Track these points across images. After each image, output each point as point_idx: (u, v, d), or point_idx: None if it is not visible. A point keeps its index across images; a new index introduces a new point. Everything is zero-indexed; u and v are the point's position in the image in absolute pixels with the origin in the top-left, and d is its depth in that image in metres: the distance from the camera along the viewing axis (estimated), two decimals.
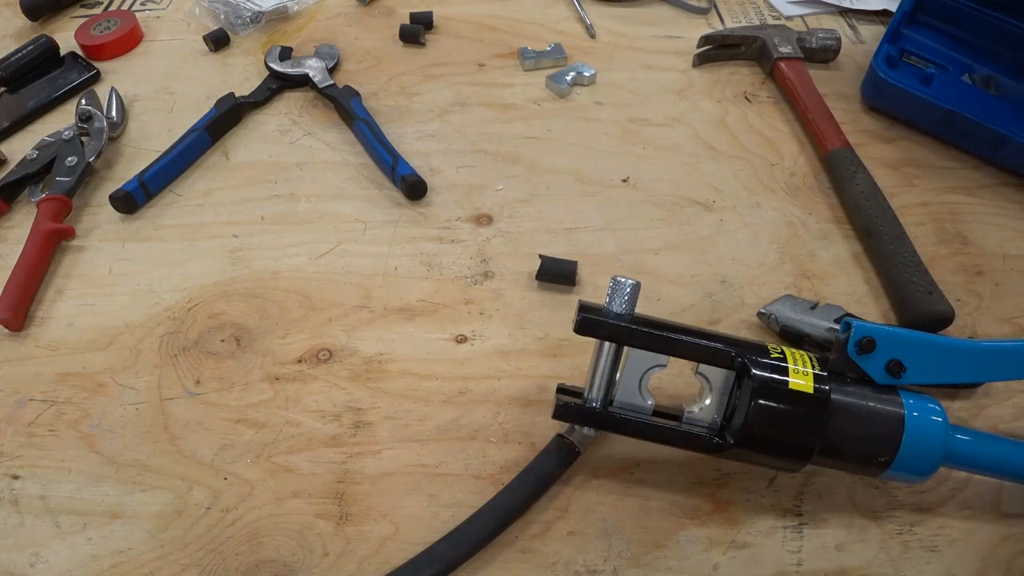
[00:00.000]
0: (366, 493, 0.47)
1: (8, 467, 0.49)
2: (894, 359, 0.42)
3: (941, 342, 0.44)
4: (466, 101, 0.74)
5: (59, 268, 0.60)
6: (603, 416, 0.43)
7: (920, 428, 0.41)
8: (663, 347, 0.42)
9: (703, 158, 0.68)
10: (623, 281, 0.42)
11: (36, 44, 0.77)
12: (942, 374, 0.43)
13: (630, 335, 0.42)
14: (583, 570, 0.44)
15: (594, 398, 0.43)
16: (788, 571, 0.44)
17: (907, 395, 0.42)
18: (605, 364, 0.43)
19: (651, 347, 0.42)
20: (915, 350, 0.42)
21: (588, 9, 0.84)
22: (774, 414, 0.41)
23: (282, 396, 0.52)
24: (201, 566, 0.44)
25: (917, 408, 0.42)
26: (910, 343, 0.43)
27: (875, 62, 0.69)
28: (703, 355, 0.42)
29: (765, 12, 0.85)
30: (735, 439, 0.41)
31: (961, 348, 0.43)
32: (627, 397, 0.43)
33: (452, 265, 0.59)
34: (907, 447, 0.41)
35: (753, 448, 0.42)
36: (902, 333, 0.43)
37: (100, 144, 0.67)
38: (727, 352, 0.42)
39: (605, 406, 0.44)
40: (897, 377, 0.42)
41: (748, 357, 0.41)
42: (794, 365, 0.42)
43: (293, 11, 0.85)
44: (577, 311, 0.42)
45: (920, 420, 0.41)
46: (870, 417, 0.41)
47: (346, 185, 0.66)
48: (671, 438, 0.43)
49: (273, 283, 0.58)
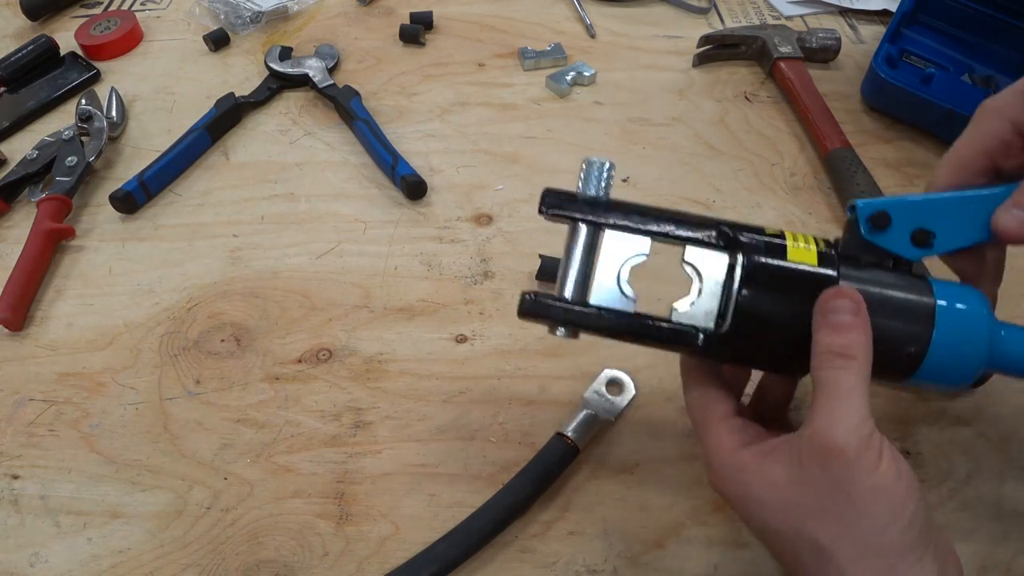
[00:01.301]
0: (366, 493, 0.47)
1: (8, 467, 0.49)
2: (918, 228, 0.37)
3: (963, 196, 0.39)
4: (466, 101, 0.74)
5: (59, 268, 0.60)
6: (577, 310, 0.37)
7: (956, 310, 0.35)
8: (642, 225, 0.37)
9: (703, 158, 0.68)
10: (596, 161, 0.37)
11: (36, 44, 0.77)
12: (976, 231, 0.38)
13: (605, 212, 0.37)
14: (583, 570, 0.44)
15: (567, 295, 0.37)
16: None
17: (939, 282, 0.37)
18: (578, 256, 0.37)
19: (629, 227, 0.37)
20: (938, 212, 0.37)
21: (588, 9, 0.84)
22: (771, 291, 0.36)
23: (282, 396, 0.52)
24: (201, 566, 0.44)
25: (951, 292, 0.36)
26: (930, 206, 0.38)
27: (875, 62, 0.69)
28: (688, 232, 0.37)
29: (765, 12, 0.85)
30: (728, 328, 0.36)
31: (987, 197, 0.38)
32: (605, 295, 0.37)
33: (452, 265, 0.59)
34: (942, 335, 0.35)
35: (749, 338, 0.36)
36: (917, 199, 0.38)
37: (100, 144, 0.67)
38: (715, 225, 0.37)
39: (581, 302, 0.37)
40: (928, 246, 0.37)
41: (740, 232, 0.37)
42: (794, 242, 0.37)
43: (293, 11, 0.85)
44: (542, 194, 0.37)
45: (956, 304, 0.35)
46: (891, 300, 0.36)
47: (346, 185, 0.66)
48: (655, 334, 0.37)
49: (273, 283, 0.58)
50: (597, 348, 0.54)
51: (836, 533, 0.32)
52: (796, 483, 0.33)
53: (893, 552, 0.31)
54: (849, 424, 0.32)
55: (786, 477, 0.33)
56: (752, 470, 0.35)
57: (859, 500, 0.32)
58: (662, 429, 0.50)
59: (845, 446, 0.32)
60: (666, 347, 0.37)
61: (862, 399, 0.33)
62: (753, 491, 0.34)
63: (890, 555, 0.31)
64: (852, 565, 0.32)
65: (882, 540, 0.32)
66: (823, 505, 0.32)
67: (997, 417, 0.50)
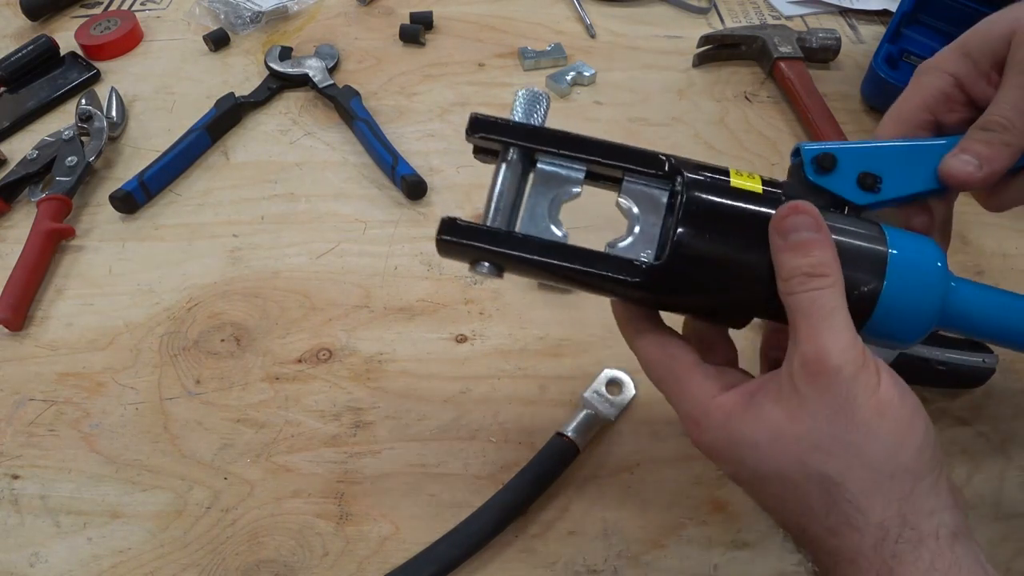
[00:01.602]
0: (366, 493, 0.47)
1: (8, 467, 0.49)
2: (864, 171, 0.36)
3: (910, 144, 0.38)
4: (466, 101, 0.73)
5: (59, 268, 0.60)
6: (502, 236, 0.33)
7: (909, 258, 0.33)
8: (575, 150, 0.34)
9: (703, 158, 0.68)
10: (532, 90, 0.35)
11: (36, 44, 0.77)
12: (923, 178, 0.37)
13: (535, 133, 0.34)
14: (583, 570, 0.44)
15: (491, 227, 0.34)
16: (788, 571, 0.44)
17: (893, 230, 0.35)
18: (504, 185, 0.34)
19: (562, 154, 0.34)
20: (885, 158, 0.36)
21: (588, 9, 0.84)
22: (714, 221, 0.33)
23: (282, 396, 0.52)
24: (201, 566, 0.44)
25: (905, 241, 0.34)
26: (876, 152, 0.37)
27: (875, 62, 0.69)
28: (625, 159, 0.34)
29: (765, 12, 0.85)
30: (666, 260, 0.33)
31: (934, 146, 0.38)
32: (533, 229, 0.34)
33: (452, 265, 0.59)
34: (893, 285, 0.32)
35: (689, 274, 0.33)
36: (864, 144, 0.37)
37: (100, 144, 0.67)
38: (654, 155, 0.34)
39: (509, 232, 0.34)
40: (874, 191, 0.36)
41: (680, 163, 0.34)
42: (737, 176, 0.34)
43: (293, 11, 0.85)
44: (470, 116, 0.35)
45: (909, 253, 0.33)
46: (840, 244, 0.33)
47: (346, 185, 0.66)
48: (586, 264, 0.33)
49: (273, 283, 0.58)
50: (597, 348, 0.54)
51: (845, 462, 0.29)
52: (793, 415, 0.30)
53: (908, 477, 0.29)
54: (841, 344, 0.30)
55: (781, 412, 0.30)
56: (739, 413, 0.32)
57: (865, 423, 0.29)
58: (662, 429, 0.50)
59: (842, 366, 0.29)
60: (598, 287, 0.34)
61: (847, 318, 0.31)
62: (745, 435, 0.31)
63: (906, 480, 0.29)
64: (866, 496, 0.29)
65: (896, 464, 0.29)
66: (827, 433, 0.29)
67: (997, 417, 0.50)
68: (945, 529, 0.29)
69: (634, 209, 0.35)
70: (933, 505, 0.29)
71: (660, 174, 0.34)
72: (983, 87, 0.39)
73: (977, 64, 0.39)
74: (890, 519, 0.29)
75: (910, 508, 0.29)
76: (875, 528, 0.29)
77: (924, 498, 0.29)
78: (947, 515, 0.29)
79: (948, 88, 0.40)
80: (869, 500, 0.29)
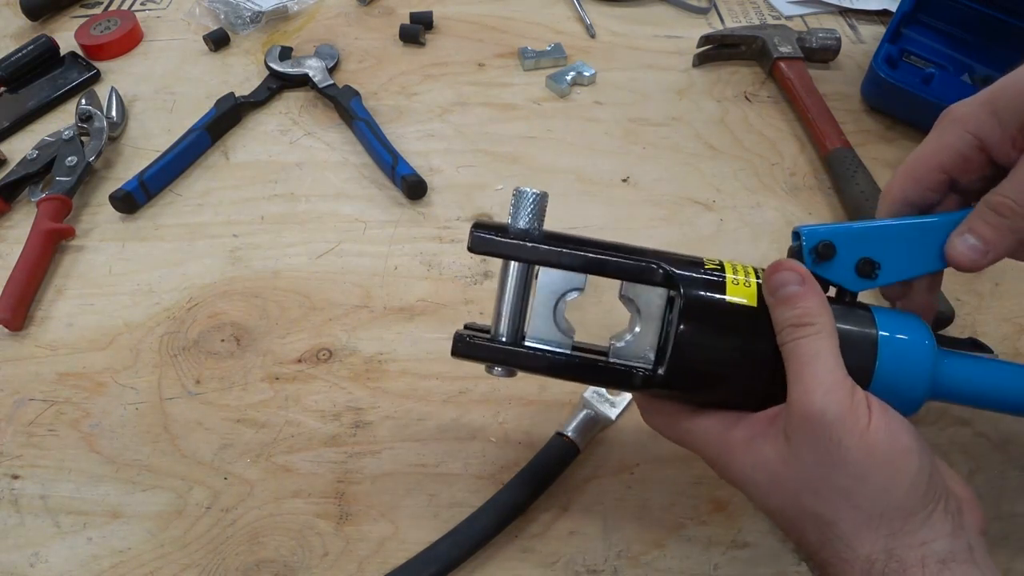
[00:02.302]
0: (366, 493, 0.47)
1: (8, 467, 0.49)
2: (863, 257, 0.37)
3: (911, 224, 0.38)
4: (466, 101, 0.73)
5: (59, 268, 0.60)
6: (510, 351, 0.36)
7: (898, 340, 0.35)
8: (574, 262, 0.35)
9: (703, 158, 0.68)
10: (526, 191, 0.36)
11: (36, 44, 0.77)
12: (923, 262, 0.37)
13: (534, 249, 0.35)
14: (583, 570, 0.44)
15: (502, 334, 0.36)
16: (788, 571, 0.44)
17: (881, 311, 0.36)
18: (512, 293, 0.36)
19: (561, 263, 0.35)
20: (884, 242, 0.37)
21: (588, 9, 0.84)
22: (709, 332, 0.35)
23: (282, 396, 0.52)
24: (201, 566, 0.44)
25: (893, 322, 0.35)
26: (876, 235, 0.37)
27: (875, 62, 0.69)
28: (623, 270, 0.36)
29: (765, 12, 0.85)
30: (665, 369, 0.35)
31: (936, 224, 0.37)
32: (541, 332, 0.36)
33: (452, 265, 0.59)
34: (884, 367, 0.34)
35: (688, 379, 0.35)
36: (863, 227, 0.37)
37: (100, 144, 0.67)
38: (650, 265, 0.35)
39: (516, 342, 0.37)
40: (871, 278, 0.37)
41: (678, 270, 0.35)
42: (733, 276, 0.36)
43: (293, 11, 0.85)
44: (471, 230, 0.36)
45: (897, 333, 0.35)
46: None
47: (346, 185, 0.66)
48: (591, 374, 0.36)
49: (273, 283, 0.58)
50: None
51: (836, 504, 0.31)
52: (786, 460, 0.32)
53: (898, 515, 0.30)
54: (823, 387, 0.31)
55: (775, 455, 0.33)
56: (741, 453, 0.34)
57: (853, 466, 0.31)
58: None
59: (825, 408, 0.31)
60: (606, 386, 0.37)
61: (832, 361, 0.32)
62: (747, 474, 0.34)
63: (895, 519, 0.30)
64: (856, 535, 0.31)
65: (885, 504, 0.30)
66: (817, 476, 0.31)
67: (997, 417, 0.50)
68: (933, 558, 0.30)
69: (637, 305, 0.36)
70: (924, 536, 0.30)
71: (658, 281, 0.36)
72: (1007, 150, 0.37)
73: (1003, 124, 0.36)
74: (876, 552, 0.30)
75: (897, 543, 0.30)
76: (863, 561, 0.31)
77: (915, 532, 0.30)
78: (940, 543, 0.30)
79: (968, 150, 0.37)
80: (858, 538, 0.31)
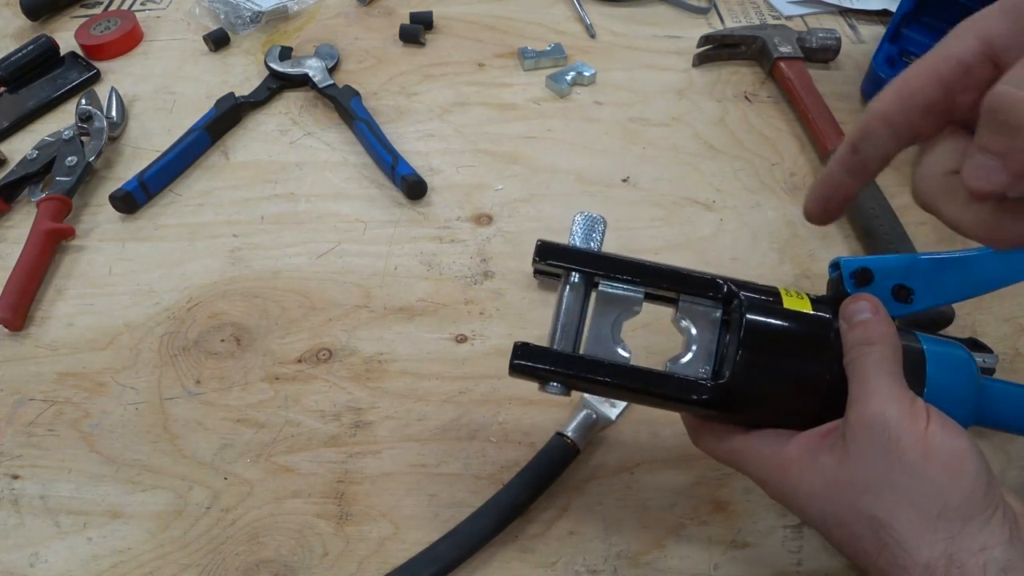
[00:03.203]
0: (366, 493, 0.47)
1: (8, 467, 0.49)
2: (898, 284, 0.38)
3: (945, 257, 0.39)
4: (466, 101, 0.73)
5: (59, 268, 0.60)
6: (573, 358, 0.36)
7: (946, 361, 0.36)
8: (636, 275, 0.36)
9: (703, 158, 0.68)
10: (589, 215, 0.38)
11: (36, 44, 0.77)
12: (956, 290, 0.39)
13: (597, 261, 0.37)
14: (583, 570, 0.44)
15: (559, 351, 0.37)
16: (788, 571, 0.44)
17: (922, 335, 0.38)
18: (569, 309, 0.37)
19: (621, 275, 0.36)
20: (918, 271, 0.38)
21: (588, 9, 0.84)
22: (771, 341, 0.35)
23: (282, 396, 0.52)
24: (201, 566, 0.44)
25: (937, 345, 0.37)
26: (910, 266, 0.38)
27: (875, 62, 0.69)
28: (683, 284, 0.37)
29: (765, 12, 0.85)
30: (727, 383, 0.35)
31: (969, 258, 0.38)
32: (598, 351, 0.37)
33: (452, 265, 0.59)
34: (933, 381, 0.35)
35: (753, 384, 0.35)
36: (899, 258, 0.39)
37: (100, 144, 0.67)
38: (715, 280, 0.37)
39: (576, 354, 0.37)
40: (907, 302, 0.38)
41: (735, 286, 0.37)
42: (787, 295, 0.37)
43: (293, 11, 0.85)
44: (537, 244, 0.37)
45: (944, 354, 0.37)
46: None
47: (346, 185, 0.66)
48: (653, 384, 0.36)
49: (273, 283, 0.58)
50: None
51: (893, 504, 0.30)
52: (843, 463, 0.32)
53: (957, 517, 0.30)
54: (884, 393, 0.32)
55: (832, 461, 0.32)
56: (797, 467, 0.34)
57: (912, 465, 0.30)
58: (662, 429, 0.49)
59: (885, 412, 0.31)
60: (665, 404, 0.37)
61: (893, 376, 0.32)
62: (804, 486, 0.33)
63: (954, 521, 0.29)
64: (914, 537, 0.30)
65: (943, 504, 0.30)
66: (875, 475, 0.31)
67: None
68: (994, 565, 0.29)
69: (692, 329, 0.37)
70: (984, 542, 0.29)
71: (717, 297, 0.37)
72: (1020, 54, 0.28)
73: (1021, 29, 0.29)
74: (936, 559, 0.29)
75: (957, 548, 0.29)
76: (921, 569, 0.29)
77: (973, 537, 0.29)
78: (999, 551, 0.29)
79: (973, 58, 0.30)
80: (916, 540, 0.30)
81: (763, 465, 0.35)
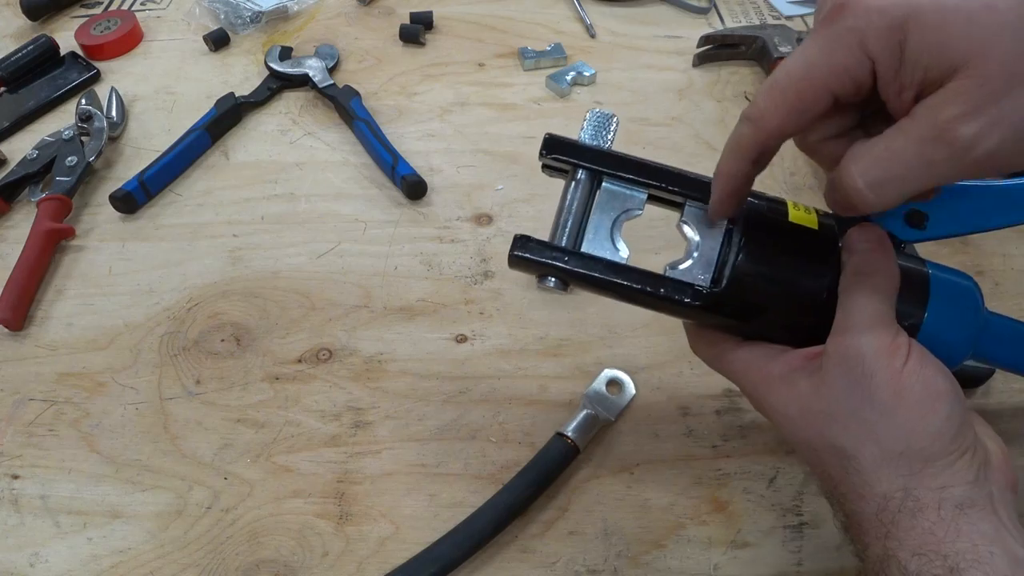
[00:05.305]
0: (366, 493, 0.47)
1: (8, 467, 0.49)
2: (913, 208, 0.36)
3: (964, 185, 0.37)
4: (466, 101, 0.73)
5: (59, 268, 0.60)
6: (571, 253, 0.35)
7: (950, 288, 0.35)
8: (642, 175, 0.36)
9: (703, 158, 0.68)
10: (601, 111, 0.37)
11: (36, 44, 0.77)
12: (972, 220, 0.37)
13: (603, 159, 0.36)
14: (583, 570, 0.44)
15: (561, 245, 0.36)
16: (788, 571, 0.44)
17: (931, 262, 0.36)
18: (573, 205, 0.36)
19: (628, 178, 0.36)
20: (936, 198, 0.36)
21: (588, 9, 0.84)
22: (773, 247, 0.35)
23: (282, 396, 0.52)
24: (201, 566, 0.44)
25: (944, 272, 0.36)
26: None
27: None
28: (688, 185, 0.36)
29: (765, 12, 0.85)
30: (723, 288, 0.35)
31: (986, 189, 0.37)
32: (596, 248, 0.36)
33: (452, 265, 0.59)
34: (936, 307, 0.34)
35: (748, 293, 0.35)
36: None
37: (100, 144, 0.67)
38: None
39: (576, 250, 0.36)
40: (921, 228, 0.37)
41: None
42: (795, 208, 0.36)
43: (293, 11, 0.85)
44: (544, 138, 0.37)
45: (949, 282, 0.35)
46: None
47: (346, 185, 0.66)
48: (648, 283, 0.35)
49: (273, 283, 0.58)
50: (597, 348, 0.54)
51: (859, 437, 0.31)
52: (817, 391, 0.33)
53: (919, 457, 0.31)
54: (867, 324, 0.32)
55: (808, 387, 0.33)
56: (777, 386, 0.35)
57: (881, 403, 0.31)
58: (662, 429, 0.50)
59: (863, 347, 0.32)
60: (658, 306, 0.36)
61: (881, 307, 0.33)
62: (781, 407, 0.34)
63: (916, 460, 0.31)
64: (875, 471, 0.31)
65: (907, 445, 0.31)
66: (844, 409, 0.32)
67: (997, 417, 0.50)
68: (951, 501, 0.30)
69: (695, 236, 0.36)
70: (945, 481, 0.30)
71: None
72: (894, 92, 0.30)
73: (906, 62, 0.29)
74: (893, 492, 0.31)
75: (915, 484, 0.30)
76: (879, 499, 0.31)
77: (935, 476, 0.30)
78: (959, 489, 0.30)
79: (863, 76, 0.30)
80: (876, 473, 0.31)
81: (750, 378, 0.36)
